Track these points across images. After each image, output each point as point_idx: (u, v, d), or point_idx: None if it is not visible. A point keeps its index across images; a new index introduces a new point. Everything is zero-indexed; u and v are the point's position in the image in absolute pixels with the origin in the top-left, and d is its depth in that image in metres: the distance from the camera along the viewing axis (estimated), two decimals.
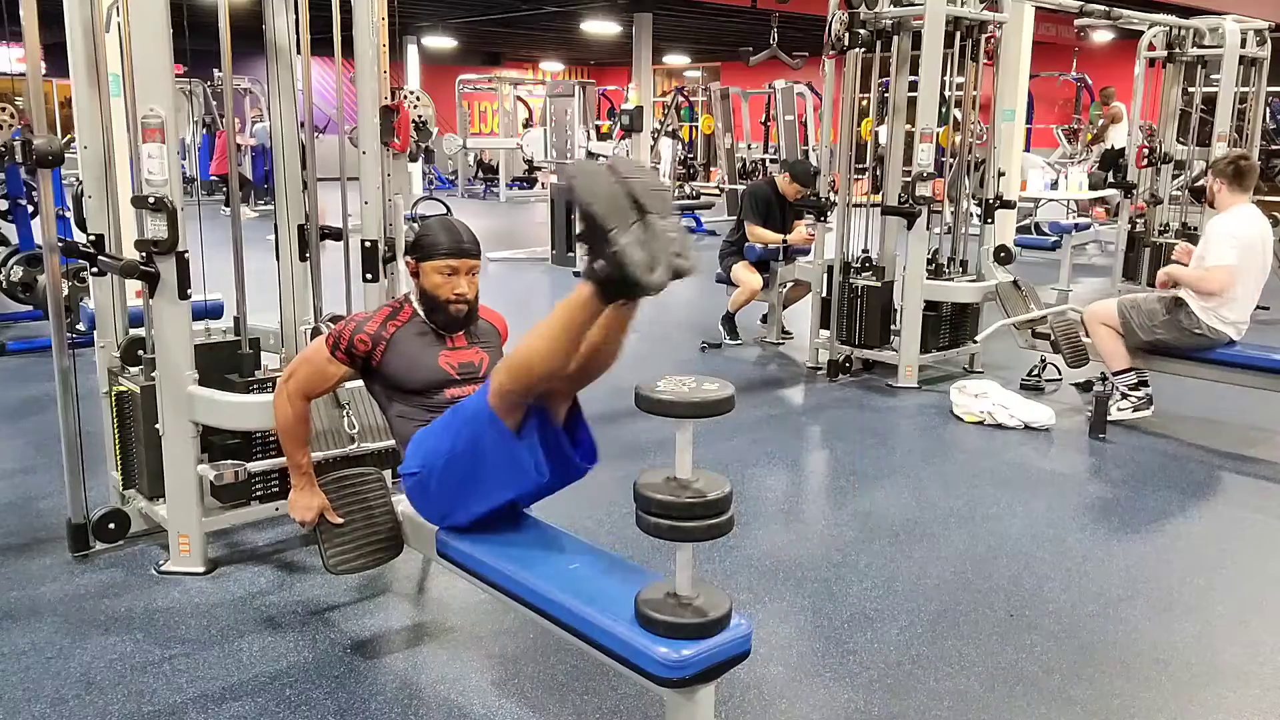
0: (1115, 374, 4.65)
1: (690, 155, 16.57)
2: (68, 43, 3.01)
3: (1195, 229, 7.56)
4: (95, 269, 3.12)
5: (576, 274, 9.18)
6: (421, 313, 2.59)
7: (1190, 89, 7.57)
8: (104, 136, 3.07)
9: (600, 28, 16.23)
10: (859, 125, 5.77)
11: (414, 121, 3.48)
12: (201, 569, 3.05)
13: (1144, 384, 4.95)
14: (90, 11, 3.03)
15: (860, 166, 7.38)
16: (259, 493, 3.18)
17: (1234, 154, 4.67)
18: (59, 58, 2.97)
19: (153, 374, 3.02)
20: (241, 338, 3.30)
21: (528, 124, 17.94)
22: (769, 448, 4.39)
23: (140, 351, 3.18)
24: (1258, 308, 7.69)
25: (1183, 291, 4.48)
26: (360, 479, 2.69)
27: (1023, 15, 7.96)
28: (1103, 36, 14.58)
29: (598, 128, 14.94)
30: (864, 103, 5.76)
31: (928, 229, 5.31)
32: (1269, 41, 7.53)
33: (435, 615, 2.88)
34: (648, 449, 4.31)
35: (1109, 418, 4.61)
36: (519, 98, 18.74)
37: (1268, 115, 11.19)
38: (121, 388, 3.19)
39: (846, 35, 5.23)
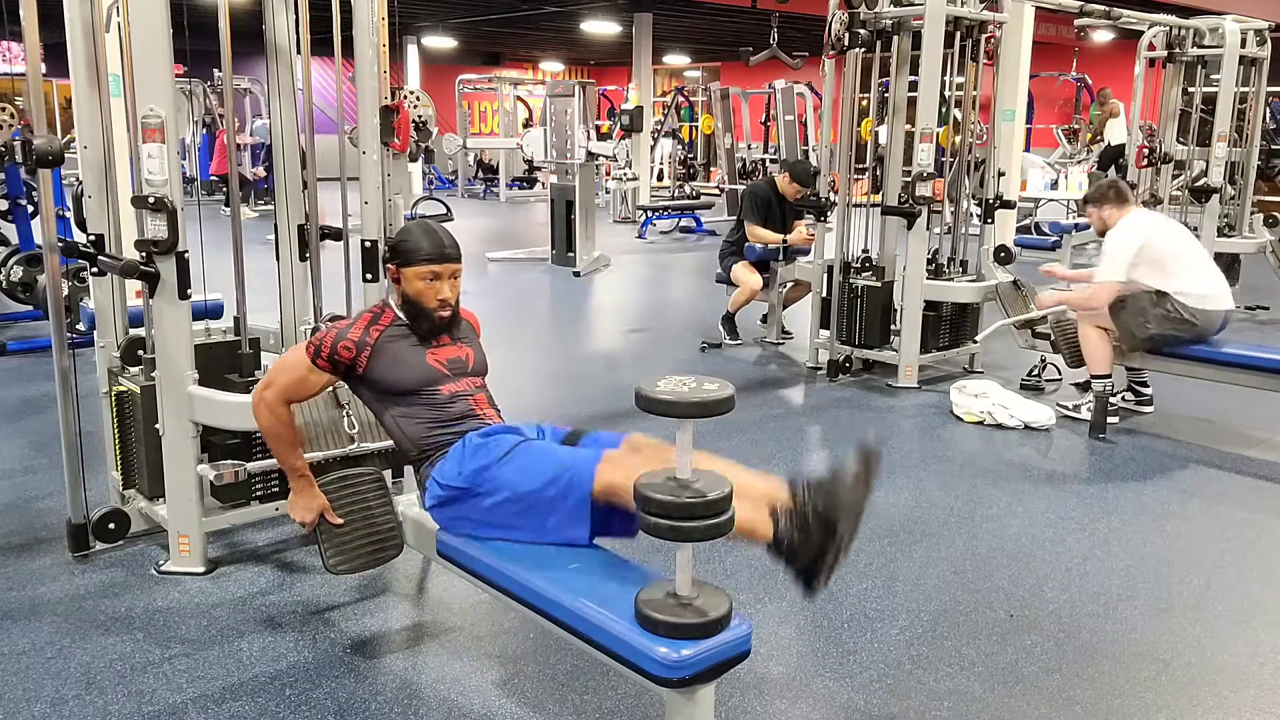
0: (1095, 376, 4.65)
1: (690, 155, 16.58)
2: (68, 43, 3.01)
3: (1195, 229, 7.57)
4: (95, 269, 3.12)
5: (576, 274, 9.19)
6: (403, 317, 2.57)
7: (1190, 89, 7.57)
8: (104, 136, 3.07)
9: (600, 28, 16.25)
10: (859, 125, 5.77)
11: (414, 121, 3.48)
12: (201, 569, 3.05)
13: (1143, 384, 4.96)
14: (90, 11, 3.03)
15: (860, 166, 7.39)
16: (259, 493, 3.18)
17: (1105, 182, 4.78)
18: (59, 58, 2.97)
19: (153, 374, 3.02)
20: (241, 338, 3.30)
21: (528, 124, 17.91)
22: (769, 448, 4.39)
23: (140, 351, 3.18)
24: (1258, 308, 7.78)
25: (1163, 288, 4.49)
26: (360, 479, 2.69)
27: (1023, 15, 7.98)
28: (1103, 36, 14.59)
29: (598, 128, 14.92)
30: (864, 103, 5.76)
31: (928, 229, 5.31)
32: (1269, 41, 7.53)
33: (435, 615, 2.88)
34: None
35: (1065, 409, 4.74)
36: (519, 98, 18.73)
37: (1268, 115, 11.19)
38: (121, 388, 3.19)
39: (846, 35, 5.23)
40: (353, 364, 2.51)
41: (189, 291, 2.90)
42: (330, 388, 2.64)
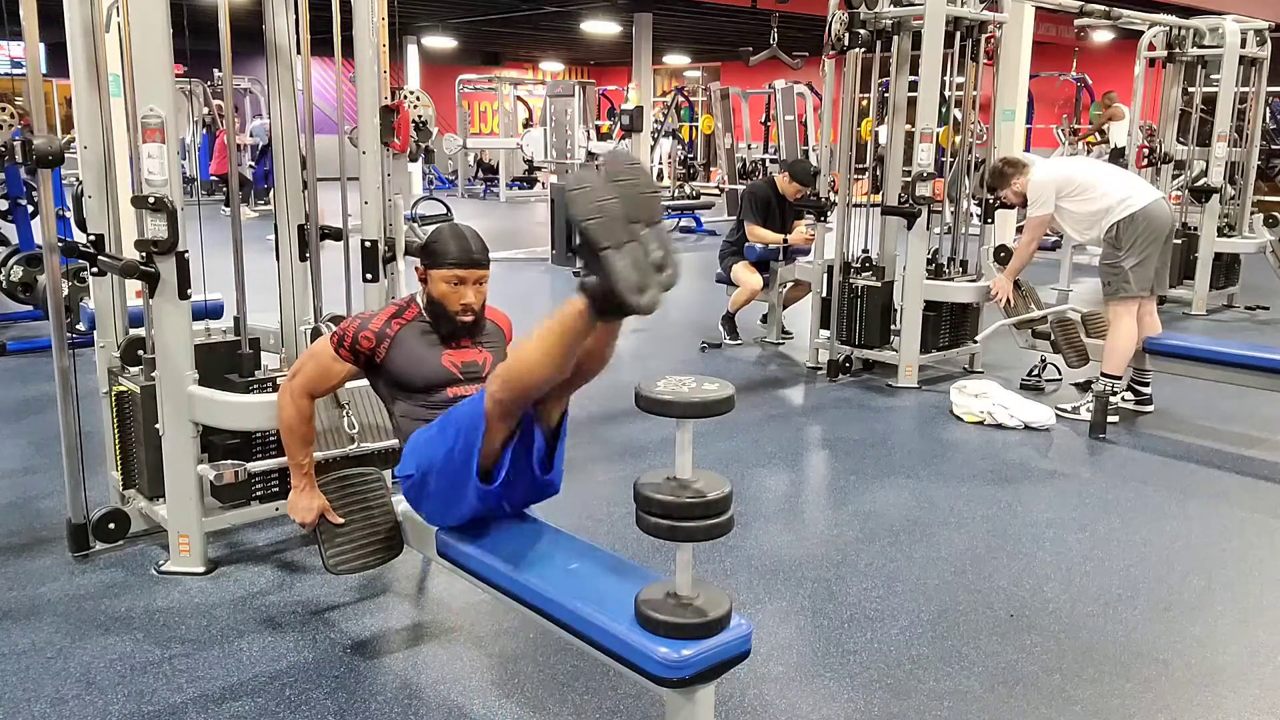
0: (1105, 374, 4.65)
1: (690, 155, 16.58)
2: (68, 43, 3.01)
3: (1195, 229, 7.58)
4: (95, 269, 3.12)
5: (576, 274, 9.18)
6: (427, 315, 2.61)
7: (1190, 89, 7.57)
8: (104, 136, 3.07)
9: (600, 28, 16.23)
10: (859, 125, 5.77)
11: (414, 121, 3.48)
12: (201, 569, 3.05)
13: (1143, 384, 4.96)
14: (90, 11, 3.03)
15: (860, 166, 7.39)
16: (259, 493, 3.18)
17: (992, 166, 5.10)
18: (59, 58, 2.97)
19: (153, 374, 3.02)
20: (241, 338, 3.30)
21: (528, 124, 17.94)
22: (769, 448, 4.39)
23: (140, 351, 3.17)
24: (1258, 307, 7.78)
25: (1105, 227, 4.60)
26: (360, 479, 2.69)
27: (1023, 15, 7.97)
28: (1103, 36, 14.57)
29: (598, 128, 14.94)
30: (864, 103, 5.77)
31: (928, 229, 5.31)
32: (1269, 41, 7.53)
33: (435, 615, 2.88)
34: (648, 449, 4.31)
35: (1064, 411, 4.78)
36: (519, 98, 18.74)
37: (1268, 115, 11.18)
38: (121, 388, 3.19)
39: (846, 35, 5.23)
40: (372, 354, 2.55)
41: (189, 291, 2.90)
42: (350, 379, 2.67)
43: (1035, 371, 5.42)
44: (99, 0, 3.04)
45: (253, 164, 13.33)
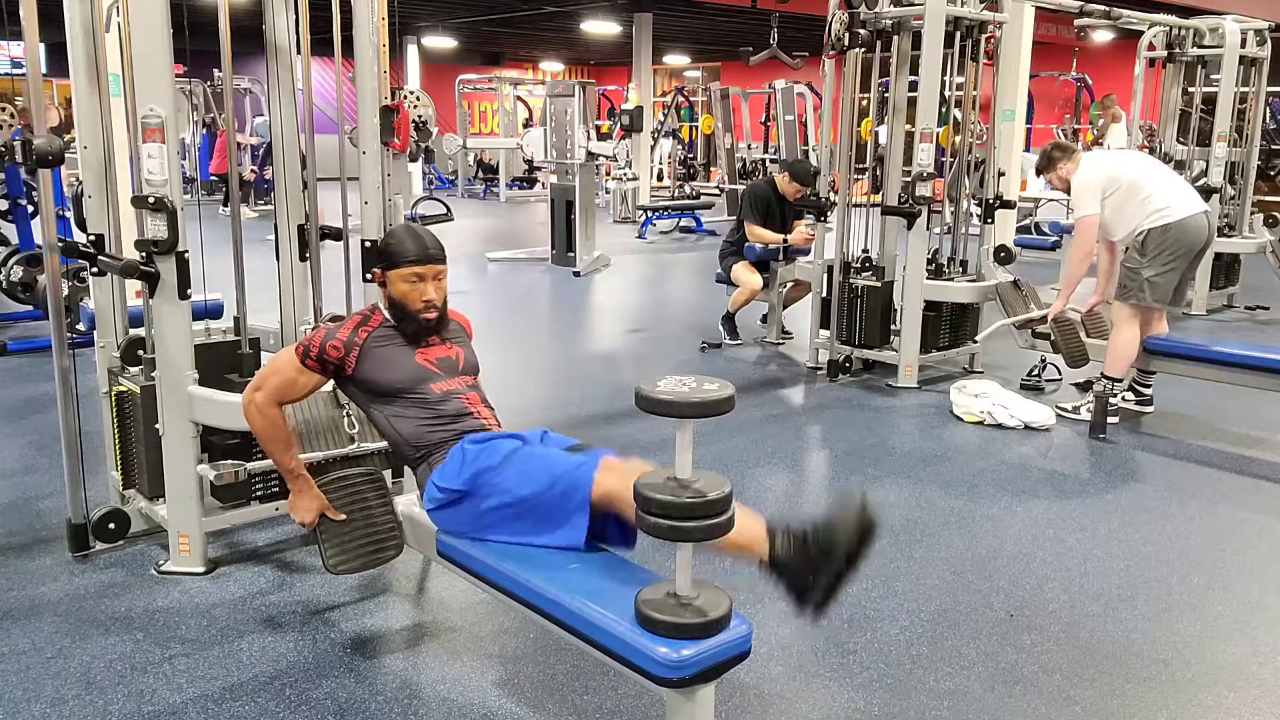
0: (1106, 376, 4.65)
1: (690, 155, 16.58)
2: (68, 43, 3.01)
3: None
4: (95, 269, 3.12)
5: (576, 274, 9.19)
6: (391, 320, 2.60)
7: (1190, 89, 7.57)
8: (104, 136, 3.07)
9: (600, 28, 16.24)
10: (859, 125, 5.77)
11: (414, 121, 3.48)
12: (201, 569, 3.05)
13: (1144, 384, 4.95)
14: (90, 11, 3.03)
15: (860, 166, 7.40)
16: (259, 493, 3.18)
17: (1044, 149, 4.94)
18: (59, 58, 2.97)
19: (153, 374, 3.02)
20: (241, 338, 3.30)
21: (528, 124, 17.92)
22: (769, 448, 4.39)
23: (140, 351, 3.17)
24: (1258, 307, 7.78)
25: (1138, 233, 4.53)
26: (360, 479, 2.69)
27: (1023, 15, 7.97)
28: (1103, 36, 14.58)
29: (598, 128, 14.92)
30: (864, 103, 5.77)
31: (928, 229, 5.31)
32: (1269, 41, 7.53)
33: (435, 615, 2.88)
34: (648, 449, 4.31)
35: (1065, 411, 4.77)
36: (519, 98, 18.73)
37: (1268, 115, 11.18)
38: (121, 388, 3.19)
39: (846, 35, 5.23)
40: (341, 364, 2.53)
41: (189, 291, 2.90)
42: (320, 388, 2.66)
43: (1035, 371, 5.42)
44: (99, 0, 3.04)
45: (254, 169, 13.32)
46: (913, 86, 5.27)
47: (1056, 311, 4.94)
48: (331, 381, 2.65)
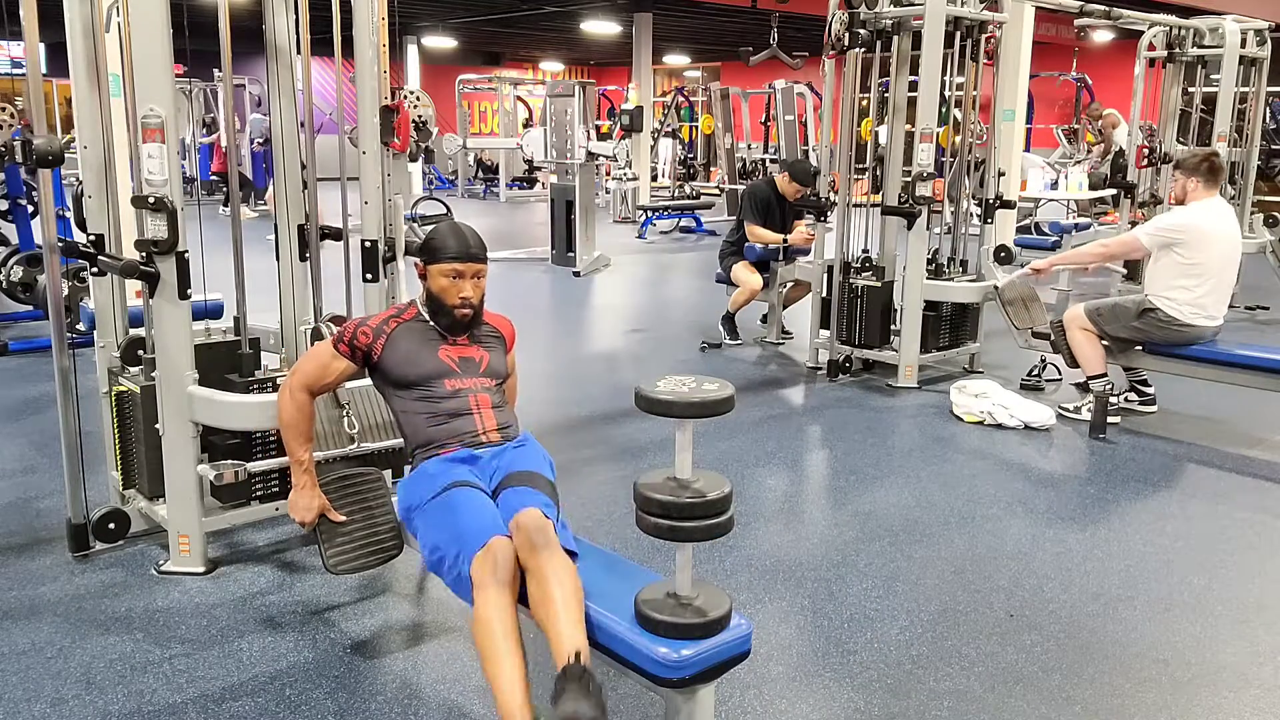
0: (1090, 378, 4.66)
1: (690, 155, 16.58)
2: (68, 43, 3.01)
3: None
4: (95, 269, 3.12)
5: (576, 274, 9.19)
6: (426, 314, 2.64)
7: (1190, 89, 7.57)
8: (104, 136, 3.07)
9: (600, 28, 16.24)
10: (859, 125, 5.77)
11: (414, 121, 3.48)
12: (201, 569, 3.05)
13: (1145, 384, 4.96)
14: (90, 11, 3.03)
15: (860, 166, 7.38)
16: (259, 493, 3.18)
17: (1205, 152, 4.68)
18: (59, 58, 2.97)
19: (153, 374, 3.02)
20: (241, 338, 3.30)
21: (528, 124, 17.92)
22: (769, 448, 4.39)
23: (140, 351, 3.17)
24: (1258, 307, 7.77)
25: (1153, 298, 4.49)
26: (360, 479, 2.70)
27: (1023, 15, 7.98)
28: (1103, 36, 14.59)
29: (598, 128, 14.92)
30: (864, 103, 5.76)
31: (928, 229, 5.31)
32: (1269, 41, 7.53)
33: (435, 615, 2.88)
34: (648, 449, 4.31)
35: (1067, 411, 4.76)
36: (519, 98, 18.73)
37: (1268, 115, 11.19)
38: (121, 388, 3.19)
39: (846, 35, 5.23)
40: (369, 350, 2.59)
41: (189, 291, 2.90)
42: (351, 378, 2.71)
43: (1035, 371, 5.42)
44: (99, 0, 3.04)
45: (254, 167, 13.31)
46: (913, 86, 5.28)
47: (1041, 265, 4.96)
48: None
